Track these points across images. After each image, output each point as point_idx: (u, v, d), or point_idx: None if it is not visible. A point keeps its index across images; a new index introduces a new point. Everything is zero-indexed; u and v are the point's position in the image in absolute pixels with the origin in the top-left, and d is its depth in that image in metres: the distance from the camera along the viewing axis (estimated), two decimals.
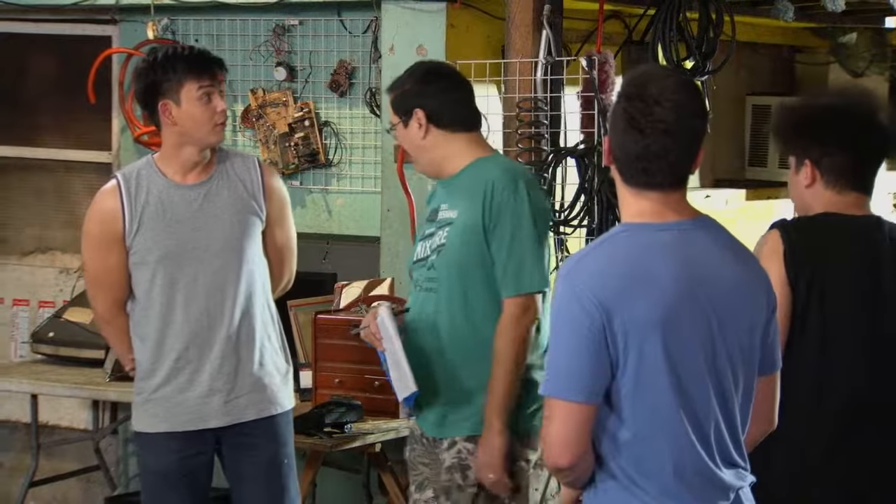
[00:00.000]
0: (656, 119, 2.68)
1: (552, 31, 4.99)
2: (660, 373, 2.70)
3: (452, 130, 3.86)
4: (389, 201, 5.54)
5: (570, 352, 2.69)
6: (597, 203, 4.89)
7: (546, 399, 2.72)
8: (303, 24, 5.96)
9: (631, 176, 2.75)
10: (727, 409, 2.79)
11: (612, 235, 2.78)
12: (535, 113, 5.00)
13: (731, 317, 2.77)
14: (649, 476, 2.74)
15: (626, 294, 2.67)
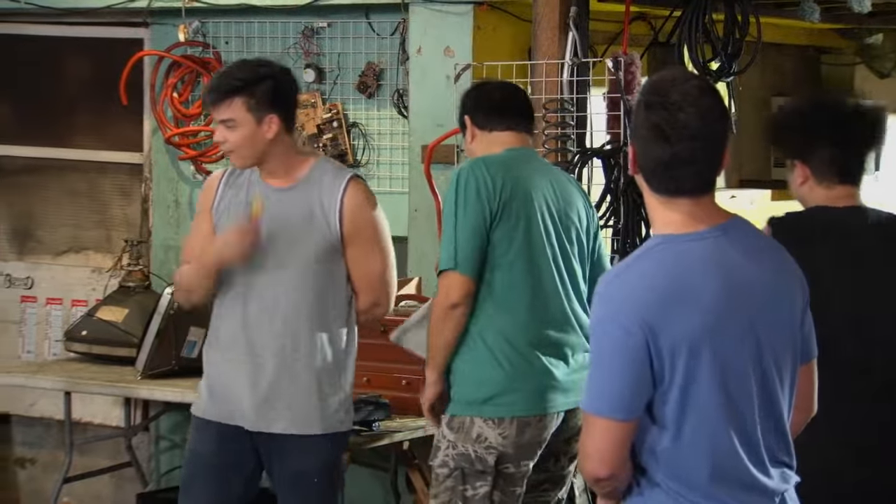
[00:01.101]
0: (681, 126, 2.63)
1: (578, 33, 5.03)
2: (706, 385, 2.68)
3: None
4: (417, 202, 5.60)
5: (611, 371, 2.67)
6: (623, 204, 4.93)
7: (585, 413, 2.71)
8: (331, 27, 6.02)
9: (659, 184, 2.71)
10: (773, 408, 2.79)
11: (647, 250, 2.74)
12: (562, 114, 5.05)
13: (771, 316, 2.77)
14: (692, 485, 2.73)
15: (667, 310, 2.64)
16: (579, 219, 4.11)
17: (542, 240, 4.00)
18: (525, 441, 3.95)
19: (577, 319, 4.05)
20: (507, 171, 3.99)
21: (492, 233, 3.95)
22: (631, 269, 2.70)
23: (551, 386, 3.97)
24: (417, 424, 4.92)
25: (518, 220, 3.96)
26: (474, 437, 3.96)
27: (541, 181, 4.06)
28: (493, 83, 4.46)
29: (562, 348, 4.01)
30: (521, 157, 4.09)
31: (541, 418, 3.96)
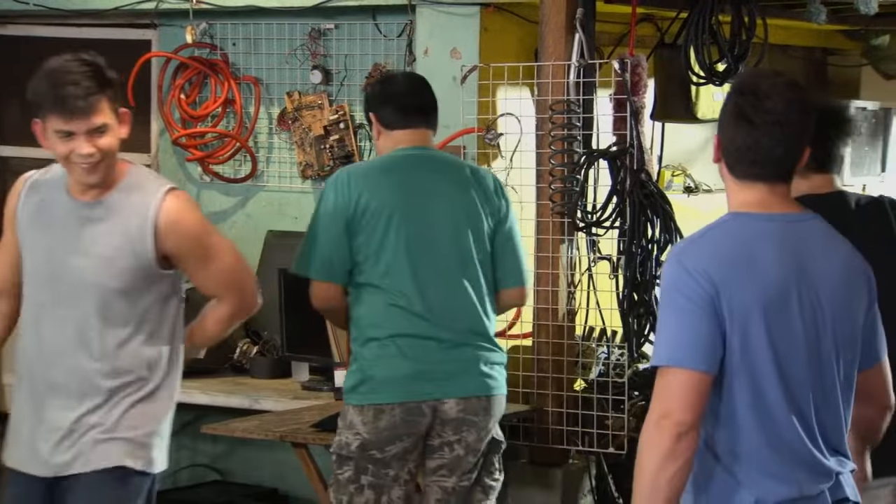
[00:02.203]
0: (767, 112, 2.81)
1: (585, 35, 5.03)
2: (762, 355, 2.81)
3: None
4: None
5: (688, 322, 2.77)
6: (629, 205, 4.93)
7: (662, 369, 2.78)
8: (338, 28, 6.03)
9: (741, 168, 2.87)
10: (829, 396, 2.89)
11: (720, 222, 2.89)
12: (568, 115, 5.05)
13: (834, 308, 2.89)
14: (748, 456, 2.82)
15: (733, 276, 2.79)
16: (472, 210, 4.16)
17: (413, 238, 4.08)
18: (383, 427, 4.03)
19: (464, 312, 4.11)
20: (379, 177, 4.12)
21: (353, 239, 4.06)
22: (704, 236, 2.87)
23: (413, 375, 4.05)
24: None
25: (384, 223, 4.06)
26: (347, 424, 4.09)
27: (430, 180, 4.15)
28: (399, 78, 4.52)
29: (433, 341, 4.07)
30: (413, 158, 4.18)
31: (397, 406, 4.03)
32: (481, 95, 5.35)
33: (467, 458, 4.14)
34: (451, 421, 4.08)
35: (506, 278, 4.21)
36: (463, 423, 4.09)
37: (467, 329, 4.10)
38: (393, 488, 4.08)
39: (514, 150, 5.26)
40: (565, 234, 5.13)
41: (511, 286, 4.23)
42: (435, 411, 4.07)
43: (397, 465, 4.07)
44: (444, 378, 4.06)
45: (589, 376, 5.32)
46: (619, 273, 5.03)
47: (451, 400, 4.07)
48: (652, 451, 2.76)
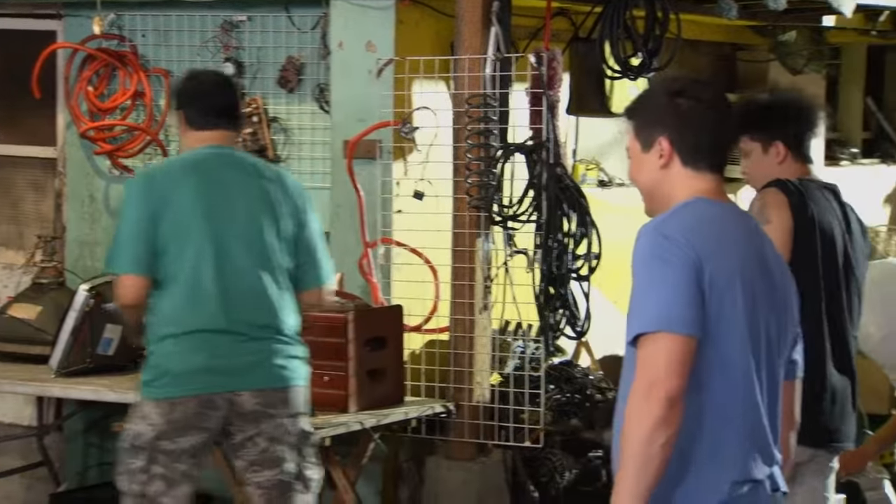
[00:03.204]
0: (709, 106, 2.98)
1: (501, 28, 5.02)
2: (735, 328, 2.85)
3: None
4: (339, 197, 5.56)
5: (669, 286, 2.80)
6: (545, 199, 4.94)
7: (646, 337, 2.78)
8: (251, 20, 5.95)
9: (696, 160, 2.97)
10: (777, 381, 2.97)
11: (684, 204, 2.96)
12: (485, 109, 5.04)
13: (781, 298, 2.99)
14: (716, 431, 2.85)
15: (712, 246, 2.86)
16: (273, 209, 4.19)
17: (213, 235, 4.10)
18: (177, 419, 4.06)
19: (263, 308, 4.13)
20: (182, 175, 4.15)
21: (156, 234, 4.08)
22: (676, 213, 2.95)
23: (208, 369, 4.08)
24: (340, 421, 4.89)
25: (185, 221, 4.09)
26: (141, 416, 4.10)
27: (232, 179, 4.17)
28: (205, 77, 4.51)
29: (229, 335, 4.10)
30: (216, 157, 4.21)
31: (192, 399, 4.06)
32: (397, 89, 5.32)
33: (273, 450, 4.16)
34: (248, 414, 4.11)
35: (306, 280, 4.25)
36: (260, 416, 4.12)
37: (265, 324, 4.13)
38: (182, 484, 4.10)
39: (430, 144, 5.23)
40: (481, 229, 5.12)
41: (312, 287, 4.27)
42: (231, 404, 4.10)
43: (188, 461, 4.09)
44: (239, 371, 4.10)
45: (505, 370, 5.32)
46: (536, 267, 5.04)
47: (247, 392, 4.10)
48: (644, 419, 2.76)
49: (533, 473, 5.31)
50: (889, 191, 8.57)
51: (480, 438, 5.17)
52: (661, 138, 2.98)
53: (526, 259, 5.12)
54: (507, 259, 5.18)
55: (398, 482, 5.45)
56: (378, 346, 5.02)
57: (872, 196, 8.44)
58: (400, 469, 5.44)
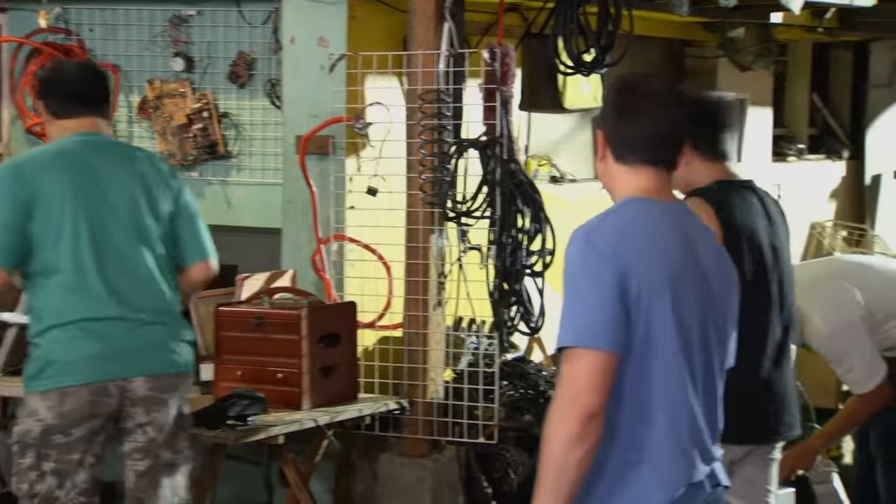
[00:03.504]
0: (650, 99, 2.95)
1: (454, 23, 5.01)
2: (668, 336, 2.84)
3: None
4: (291, 193, 5.53)
5: (596, 302, 2.79)
6: (499, 195, 4.93)
7: (569, 351, 2.78)
8: (200, 15, 5.91)
9: (629, 154, 2.96)
10: (715, 382, 2.96)
11: (620, 206, 2.95)
12: (438, 105, 5.02)
13: (721, 300, 2.98)
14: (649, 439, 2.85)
15: (642, 255, 2.84)
16: (148, 192, 4.18)
17: (90, 221, 4.08)
18: (68, 410, 4.02)
19: (147, 291, 4.13)
20: (52, 163, 4.11)
21: (28, 226, 4.03)
22: (608, 218, 2.91)
23: (98, 356, 4.06)
24: (293, 418, 4.86)
25: (59, 208, 4.05)
26: (29, 412, 4.07)
27: (104, 164, 4.15)
28: (67, 67, 4.51)
29: (118, 321, 4.08)
30: (85, 143, 4.19)
31: (83, 388, 4.03)
32: (350, 84, 5.29)
33: (158, 439, 4.17)
34: (140, 400, 4.10)
35: (190, 254, 4.26)
36: (153, 402, 4.12)
37: (152, 307, 4.13)
38: (78, 473, 4.08)
39: (383, 140, 5.21)
40: (435, 225, 5.11)
41: (197, 260, 4.27)
42: (123, 391, 4.08)
43: (82, 449, 4.07)
44: (131, 357, 4.09)
45: (458, 366, 5.32)
46: (489, 263, 5.03)
47: (139, 378, 4.09)
48: (560, 435, 2.77)
49: (486, 470, 5.31)
50: (835, 186, 8.65)
51: (434, 435, 5.15)
52: (599, 132, 3.01)
53: (480, 255, 5.11)
54: (461, 255, 5.16)
55: (351, 479, 5.43)
56: (331, 342, 4.99)
57: (818, 192, 8.52)
58: (353, 466, 5.41)
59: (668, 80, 3.04)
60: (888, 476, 5.65)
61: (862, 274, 5.62)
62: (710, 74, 7.46)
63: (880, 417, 5.56)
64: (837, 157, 8.66)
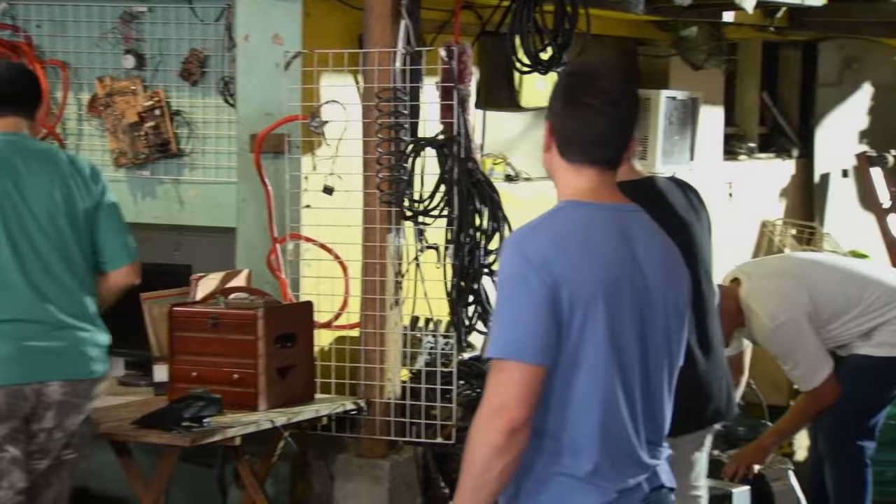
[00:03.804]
0: (601, 93, 2.85)
1: (411, 21, 4.98)
2: (600, 345, 2.79)
3: None
4: (245, 192, 5.47)
5: (525, 314, 2.74)
6: (457, 193, 4.91)
7: (498, 362, 2.74)
8: (152, 12, 5.83)
9: (574, 152, 2.88)
10: (656, 388, 2.91)
11: (557, 210, 2.88)
12: (395, 103, 4.99)
13: (663, 300, 2.91)
14: (579, 448, 2.81)
15: (574, 264, 2.77)
16: (68, 194, 4.17)
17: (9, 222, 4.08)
18: None
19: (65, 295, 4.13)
20: None
21: None
22: (542, 224, 2.84)
23: (14, 358, 4.05)
24: (250, 419, 4.81)
25: None
26: None
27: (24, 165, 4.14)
28: None
29: (35, 323, 4.07)
30: (5, 143, 4.18)
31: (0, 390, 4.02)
32: (305, 82, 5.25)
33: (62, 441, 4.18)
34: (54, 404, 4.10)
35: (111, 259, 4.26)
36: (66, 407, 4.12)
37: (70, 311, 4.12)
38: (12, 472, 4.07)
39: (339, 139, 5.17)
40: (392, 224, 5.08)
41: (119, 266, 4.28)
42: (38, 394, 4.07)
43: (10, 446, 4.06)
44: (47, 361, 4.08)
45: (417, 366, 5.29)
46: (447, 262, 5.01)
47: (56, 383, 4.09)
48: (483, 445, 2.73)
49: (444, 470, 5.28)
50: (784, 185, 8.71)
51: (392, 435, 5.12)
52: (547, 122, 2.93)
53: (437, 254, 5.08)
54: (418, 254, 5.14)
55: (308, 480, 5.39)
56: (288, 343, 4.95)
57: (769, 190, 8.57)
58: (309, 467, 5.37)
59: (620, 76, 2.93)
60: (836, 479, 5.68)
61: (812, 272, 5.67)
62: (663, 73, 7.47)
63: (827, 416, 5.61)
64: (787, 156, 8.72)
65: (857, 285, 5.60)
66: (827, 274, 5.70)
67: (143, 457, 5.03)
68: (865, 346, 5.58)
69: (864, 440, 5.64)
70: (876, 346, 5.56)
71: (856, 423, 5.63)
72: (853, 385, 5.53)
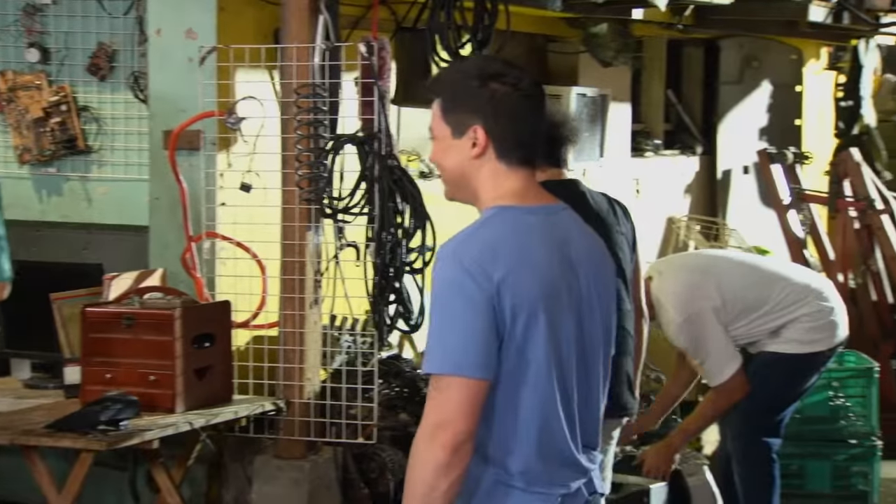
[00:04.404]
0: (528, 96, 2.82)
1: (330, 16, 4.91)
2: (540, 354, 2.73)
3: None
4: (158, 189, 5.35)
5: (464, 326, 2.66)
6: (378, 191, 4.85)
7: (438, 377, 2.66)
8: (56, 4, 5.69)
9: (511, 153, 2.82)
10: (592, 392, 2.87)
11: (488, 218, 2.80)
12: (314, 99, 4.92)
13: (597, 299, 2.87)
14: (521, 459, 2.76)
15: (512, 272, 2.70)
16: None
17: None
18: None
19: None
20: None
21: None
22: (477, 233, 2.77)
23: None
24: (168, 422, 4.71)
25: None
26: None
27: None
28: None
29: None
30: None
31: None
32: (220, 78, 5.15)
33: None
34: None
35: None
36: None
37: None
38: None
39: (257, 135, 5.08)
40: (312, 222, 5.00)
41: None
42: None
43: None
44: None
45: (335, 365, 5.23)
46: (368, 260, 4.96)
47: None
48: (427, 463, 2.66)
49: (363, 469, 5.23)
50: (689, 181, 8.79)
51: (312, 436, 5.05)
52: (476, 127, 2.80)
53: (356, 253, 5.03)
54: (338, 252, 5.07)
55: (224, 483, 5.29)
56: (205, 343, 4.86)
57: (674, 186, 8.65)
58: (226, 469, 5.28)
59: (533, 76, 2.91)
60: (743, 476, 5.73)
61: (721, 268, 5.73)
62: (573, 70, 7.49)
63: (734, 413, 5.65)
64: (692, 153, 8.80)
65: (766, 283, 5.65)
66: (736, 271, 5.75)
67: (52, 461, 4.89)
68: (774, 343, 5.64)
69: (771, 437, 5.69)
70: (784, 344, 5.62)
71: (762, 421, 5.67)
72: (760, 382, 5.59)
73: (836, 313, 5.64)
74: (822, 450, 6.58)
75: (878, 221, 8.16)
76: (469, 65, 2.97)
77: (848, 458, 6.58)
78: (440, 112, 2.84)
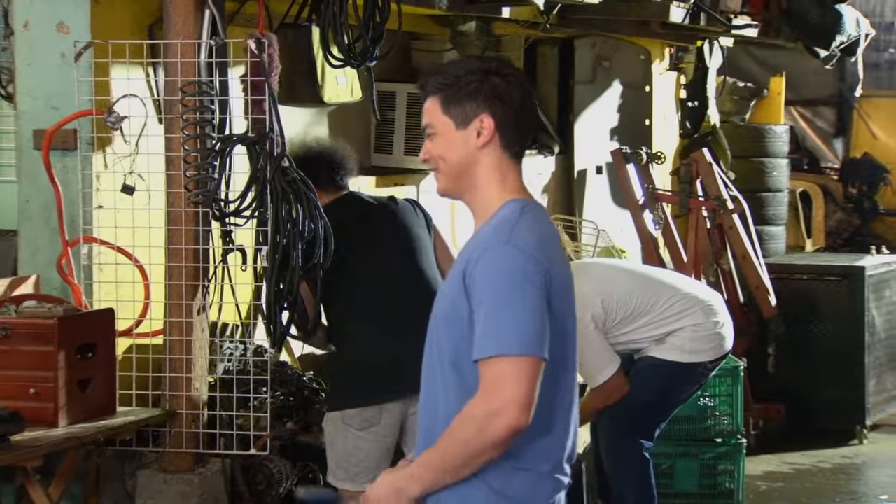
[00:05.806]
0: (525, 91, 2.95)
1: (217, 11, 4.71)
2: (558, 335, 2.83)
3: None
4: (29, 191, 5.06)
5: (535, 310, 2.73)
6: (270, 192, 4.68)
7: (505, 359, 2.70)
8: None
9: (516, 145, 2.94)
10: (575, 393, 2.99)
11: (519, 209, 2.88)
12: (201, 98, 4.71)
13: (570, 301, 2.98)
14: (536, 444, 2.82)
15: (554, 259, 2.84)
16: None
17: None
18: None
19: None
20: None
21: None
22: (521, 222, 2.87)
23: None
24: (49, 437, 4.46)
25: None
26: None
27: None
28: None
29: None
30: None
31: None
32: (97, 75, 4.90)
33: None
34: None
35: None
36: None
37: None
38: None
39: (138, 135, 4.84)
40: (199, 225, 4.80)
41: None
42: None
43: None
44: None
45: (224, 374, 5.03)
46: (259, 263, 4.79)
47: None
48: (483, 435, 2.71)
49: (250, 483, 5.05)
50: (546, 181, 8.81)
51: (200, 448, 4.85)
52: (483, 116, 2.89)
53: (243, 257, 4.84)
54: (224, 257, 4.88)
55: (105, 499, 5.05)
56: (88, 353, 4.63)
57: (534, 186, 8.64)
58: (108, 485, 5.03)
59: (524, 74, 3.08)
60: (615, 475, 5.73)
61: (607, 277, 5.71)
62: None
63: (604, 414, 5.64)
64: (549, 152, 8.81)
65: (651, 292, 5.65)
66: (622, 279, 5.74)
67: None
68: (657, 349, 5.64)
69: (642, 439, 5.69)
70: (666, 350, 5.62)
71: (634, 423, 5.67)
72: (639, 384, 5.60)
73: (722, 326, 5.67)
74: (691, 449, 6.64)
75: (729, 221, 8.27)
76: (466, 62, 3.05)
77: (715, 457, 6.65)
78: (439, 107, 2.89)
